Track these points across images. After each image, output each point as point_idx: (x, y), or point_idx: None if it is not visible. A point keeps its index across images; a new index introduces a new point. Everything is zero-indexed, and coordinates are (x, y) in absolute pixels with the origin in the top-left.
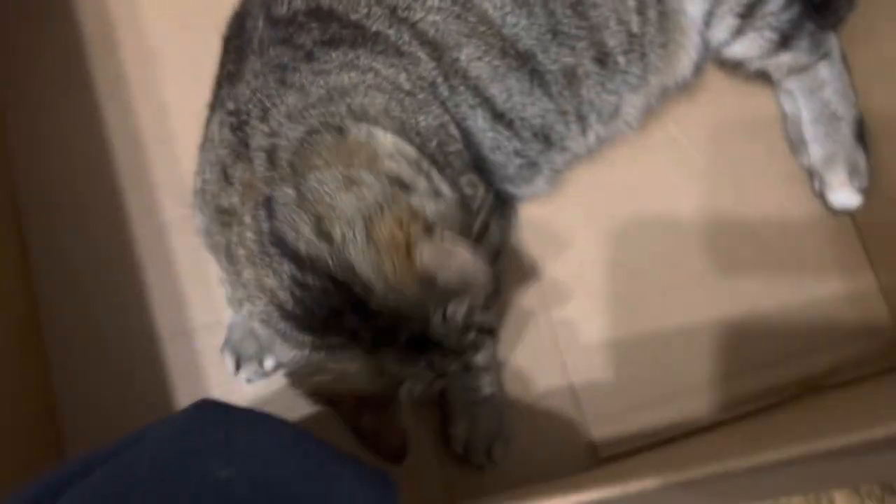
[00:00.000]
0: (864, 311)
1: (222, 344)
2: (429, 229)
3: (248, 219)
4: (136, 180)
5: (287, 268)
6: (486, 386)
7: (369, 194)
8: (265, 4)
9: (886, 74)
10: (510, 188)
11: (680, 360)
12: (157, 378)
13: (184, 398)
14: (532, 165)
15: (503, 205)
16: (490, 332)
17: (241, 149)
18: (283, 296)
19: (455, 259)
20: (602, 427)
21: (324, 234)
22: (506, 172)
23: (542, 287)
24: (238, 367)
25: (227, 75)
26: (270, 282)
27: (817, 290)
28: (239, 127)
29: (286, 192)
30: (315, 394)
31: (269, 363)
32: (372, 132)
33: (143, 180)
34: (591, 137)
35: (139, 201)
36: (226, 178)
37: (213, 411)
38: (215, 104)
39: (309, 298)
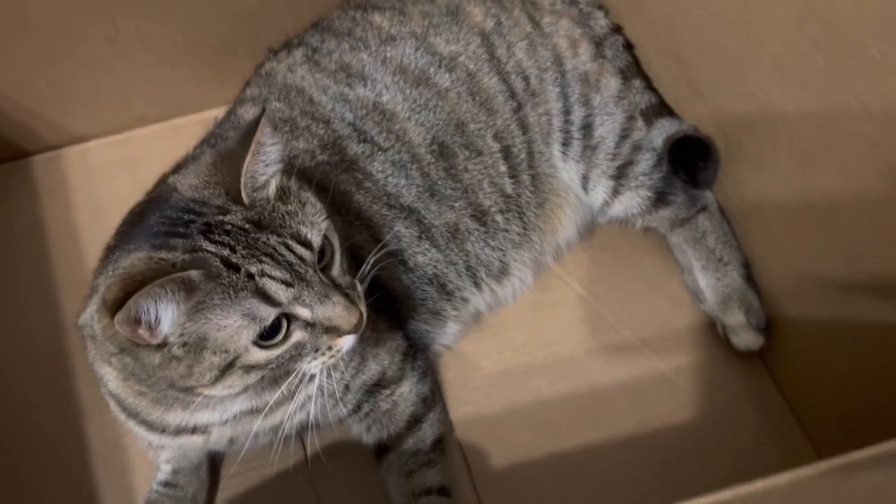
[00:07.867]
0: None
1: None
2: None
3: None
4: (55, 368)
5: None
6: None
7: None
8: None
9: (755, 219)
10: (423, 327)
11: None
12: None
13: None
14: (436, 312)
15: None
16: (442, 491)
17: None
18: None
19: None
20: None
21: None
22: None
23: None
24: None
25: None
26: None
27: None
28: None
29: None
30: None
31: None
32: None
33: (62, 368)
34: (487, 291)
35: (57, 390)
36: None
37: None
38: None
39: None
